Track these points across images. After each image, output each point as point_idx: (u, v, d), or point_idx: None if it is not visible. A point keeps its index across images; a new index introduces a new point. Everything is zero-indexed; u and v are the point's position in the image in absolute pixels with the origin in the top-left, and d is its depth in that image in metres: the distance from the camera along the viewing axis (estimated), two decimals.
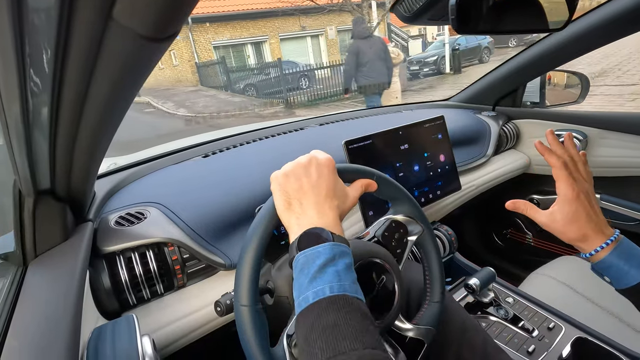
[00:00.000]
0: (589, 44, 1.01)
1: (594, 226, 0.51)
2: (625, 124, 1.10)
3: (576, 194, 0.52)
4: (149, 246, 0.64)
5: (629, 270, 0.48)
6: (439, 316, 0.58)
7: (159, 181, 0.86)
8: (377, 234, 0.57)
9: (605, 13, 0.91)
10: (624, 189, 1.17)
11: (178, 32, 0.27)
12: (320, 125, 1.25)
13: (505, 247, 1.52)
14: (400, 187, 0.58)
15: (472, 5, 0.57)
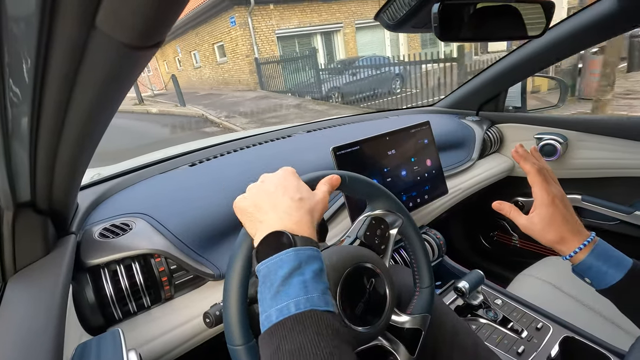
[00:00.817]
0: (566, 50, 1.05)
1: (570, 228, 0.53)
2: (603, 126, 1.14)
3: (551, 198, 0.54)
4: (134, 258, 0.62)
5: (607, 270, 0.50)
6: (432, 301, 0.59)
7: (145, 191, 0.85)
8: (359, 235, 0.57)
9: (579, 21, 0.95)
10: (603, 189, 1.21)
11: (163, 40, 0.27)
12: (308, 132, 1.25)
13: (492, 249, 1.55)
14: (371, 181, 0.57)
15: (454, 13, 0.59)
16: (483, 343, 0.63)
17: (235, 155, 1.04)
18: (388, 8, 0.66)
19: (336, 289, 0.47)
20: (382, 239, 0.58)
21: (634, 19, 0.86)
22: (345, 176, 0.53)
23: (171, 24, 0.26)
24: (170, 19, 0.25)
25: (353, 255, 0.50)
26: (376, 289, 0.50)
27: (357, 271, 0.49)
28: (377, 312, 0.50)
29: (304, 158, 0.97)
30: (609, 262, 0.50)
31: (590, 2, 0.92)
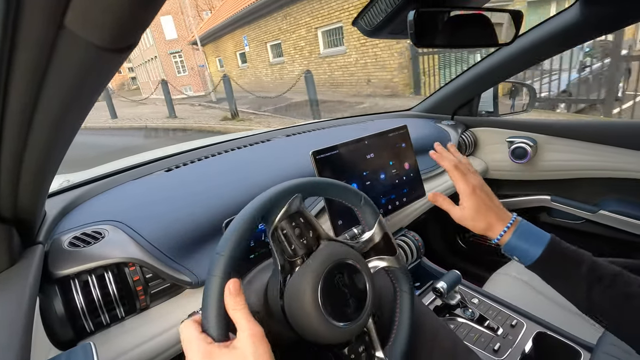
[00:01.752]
0: (534, 57, 1.10)
1: (494, 214, 0.58)
2: (570, 130, 1.19)
3: (472, 188, 0.59)
4: (107, 267, 0.60)
5: (529, 248, 0.55)
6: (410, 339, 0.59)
7: (118, 198, 0.82)
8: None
9: (546, 30, 1.00)
10: (570, 190, 1.27)
11: (137, 42, 0.26)
12: (287, 136, 1.25)
13: (468, 249, 1.59)
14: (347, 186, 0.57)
15: (429, 21, 0.60)
16: (461, 342, 0.65)
17: (212, 160, 1.02)
18: (366, 14, 0.67)
19: (317, 285, 0.47)
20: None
21: (596, 28, 0.92)
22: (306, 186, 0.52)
23: (146, 26, 0.25)
24: (144, 20, 0.24)
25: (335, 252, 0.50)
26: (356, 285, 0.51)
27: (338, 267, 0.49)
28: (357, 308, 0.50)
29: (283, 162, 0.97)
30: (530, 241, 0.55)
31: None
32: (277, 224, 0.47)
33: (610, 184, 1.17)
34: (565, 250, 0.54)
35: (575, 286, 0.52)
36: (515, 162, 1.29)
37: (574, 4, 0.90)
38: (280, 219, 0.47)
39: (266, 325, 0.51)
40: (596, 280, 0.50)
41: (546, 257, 0.54)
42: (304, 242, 0.49)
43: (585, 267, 0.51)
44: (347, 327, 0.48)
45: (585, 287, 0.51)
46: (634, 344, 0.48)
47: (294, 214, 0.48)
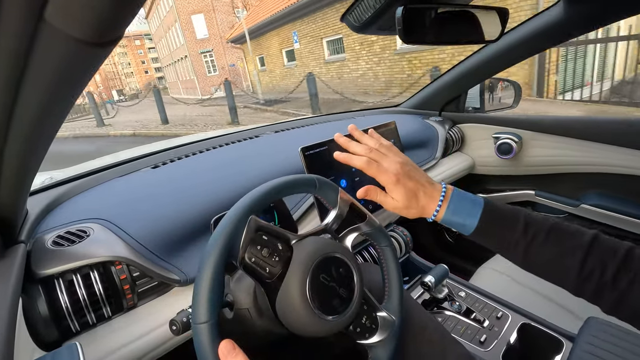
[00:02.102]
0: (520, 54, 1.12)
1: (424, 195, 0.55)
2: (554, 126, 1.22)
3: (395, 178, 0.55)
4: (93, 266, 0.59)
5: (464, 222, 0.54)
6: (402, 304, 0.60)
7: (103, 195, 0.80)
8: (328, 229, 0.57)
9: (531, 28, 1.01)
10: (554, 185, 1.30)
11: (121, 36, 0.26)
12: (276, 132, 1.24)
13: (455, 243, 1.61)
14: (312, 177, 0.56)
15: (417, 17, 0.60)
16: (449, 335, 0.66)
17: (200, 157, 1.01)
18: (354, 10, 0.67)
19: (305, 279, 0.47)
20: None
21: (579, 26, 0.94)
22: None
23: (130, 20, 0.24)
24: (128, 14, 0.24)
25: (322, 246, 0.50)
26: (345, 280, 0.51)
27: (328, 261, 0.50)
28: (345, 301, 0.50)
29: (272, 159, 0.97)
30: (464, 213, 0.54)
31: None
32: (243, 255, 0.46)
33: (592, 179, 1.20)
34: (500, 212, 0.53)
35: (514, 248, 0.51)
36: (501, 158, 1.32)
37: (558, 2, 0.91)
38: (244, 251, 0.46)
39: (256, 322, 0.51)
40: (531, 238, 0.50)
41: (482, 225, 0.53)
42: (276, 258, 0.48)
43: (520, 226, 0.51)
44: (337, 319, 0.49)
45: (522, 248, 0.50)
46: (574, 293, 0.49)
47: (255, 237, 0.47)
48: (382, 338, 0.54)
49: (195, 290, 0.42)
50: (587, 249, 0.47)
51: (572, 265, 0.48)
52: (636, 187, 1.11)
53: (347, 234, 0.57)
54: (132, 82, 69.57)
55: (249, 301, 0.51)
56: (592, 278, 0.46)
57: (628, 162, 1.08)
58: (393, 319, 0.57)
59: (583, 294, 0.48)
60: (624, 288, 0.44)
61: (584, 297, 0.48)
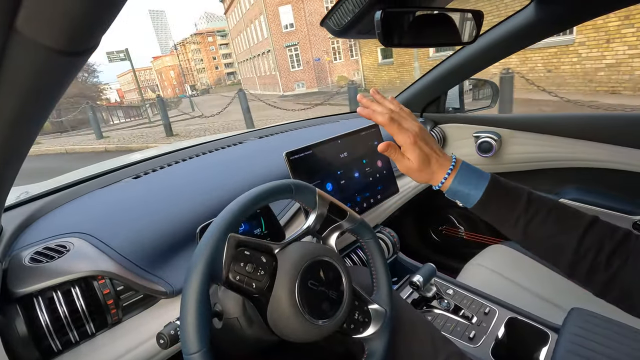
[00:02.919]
0: (496, 55, 1.15)
1: (436, 162, 0.58)
2: (531, 124, 1.26)
3: (413, 139, 0.57)
4: (74, 282, 0.57)
5: (469, 192, 0.56)
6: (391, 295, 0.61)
7: (83, 208, 0.78)
8: (311, 230, 0.56)
9: (505, 29, 1.05)
10: (533, 181, 1.33)
11: (97, 45, 0.25)
12: (260, 138, 1.24)
13: (441, 242, 1.64)
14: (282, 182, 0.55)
15: (395, 20, 0.62)
16: (439, 333, 0.66)
17: (183, 165, 0.99)
18: (333, 14, 0.68)
19: (294, 289, 0.47)
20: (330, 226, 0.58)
21: (550, 27, 0.97)
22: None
23: (106, 28, 0.24)
24: (104, 23, 0.23)
25: (306, 252, 0.50)
26: (333, 282, 0.51)
27: (315, 265, 0.49)
28: (336, 302, 0.50)
29: (257, 164, 0.96)
30: (471, 184, 0.56)
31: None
32: (227, 275, 0.45)
33: (570, 174, 1.24)
34: (504, 188, 0.55)
35: (515, 223, 0.53)
36: (482, 156, 1.34)
37: (530, 4, 0.95)
38: (227, 271, 0.45)
39: (246, 330, 0.50)
40: (532, 215, 0.51)
41: (486, 198, 0.55)
42: (262, 272, 0.47)
43: (523, 202, 0.53)
44: (329, 322, 0.49)
45: (522, 224, 0.52)
46: (567, 273, 0.50)
47: (237, 254, 0.46)
48: (375, 330, 0.55)
49: (181, 319, 0.41)
50: (587, 228, 0.49)
51: (570, 243, 0.49)
52: (611, 180, 1.16)
53: (330, 233, 0.57)
54: (203, 78, 71.80)
55: (238, 310, 0.51)
56: (586, 257, 0.47)
57: (603, 156, 1.13)
58: (384, 310, 0.57)
59: (576, 274, 0.49)
60: (616, 269, 0.46)
61: (577, 277, 0.49)
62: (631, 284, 0.45)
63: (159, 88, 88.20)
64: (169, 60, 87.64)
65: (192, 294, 0.41)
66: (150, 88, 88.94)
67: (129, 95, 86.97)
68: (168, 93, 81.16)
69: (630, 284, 0.45)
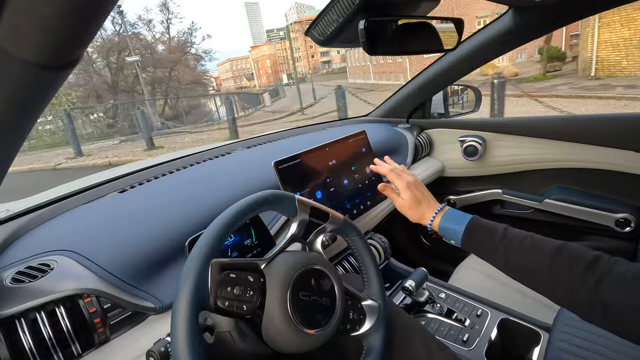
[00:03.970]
0: (477, 61, 1.18)
1: (426, 204, 0.72)
2: (515, 127, 1.29)
3: (406, 184, 0.73)
4: (58, 302, 0.55)
5: (455, 227, 0.66)
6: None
7: (67, 224, 0.76)
8: (295, 237, 0.55)
9: (484, 36, 1.08)
10: (519, 182, 1.36)
11: (79, 58, 0.25)
12: (248, 147, 1.23)
13: (432, 246, 1.65)
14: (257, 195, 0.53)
15: (379, 29, 0.63)
16: (433, 337, 0.66)
17: (170, 177, 0.98)
18: (318, 24, 0.68)
19: (286, 304, 0.46)
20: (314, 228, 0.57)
21: (527, 33, 1.00)
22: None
23: (88, 42, 0.24)
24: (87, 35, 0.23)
25: (293, 263, 0.50)
26: (324, 288, 0.51)
27: (303, 275, 0.49)
28: (327, 313, 0.50)
29: (246, 174, 0.95)
30: (455, 221, 0.67)
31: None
32: (215, 302, 0.44)
33: (553, 175, 1.27)
34: (484, 223, 0.64)
35: (495, 252, 0.60)
36: (467, 160, 1.37)
37: (507, 11, 0.98)
38: (215, 298, 0.44)
39: (239, 344, 0.49)
40: (509, 243, 0.58)
41: (469, 231, 0.64)
42: (251, 292, 0.46)
43: (499, 233, 0.60)
44: (324, 330, 0.48)
45: (502, 251, 0.59)
46: (550, 297, 0.55)
47: (222, 278, 0.45)
48: (371, 325, 0.56)
49: (172, 335, 0.40)
50: (558, 248, 0.53)
51: (543, 262, 0.53)
52: (593, 180, 1.19)
53: (315, 237, 0.57)
54: (299, 67, 71.84)
55: (230, 323, 0.50)
56: (560, 276, 0.51)
57: (585, 156, 1.16)
58: (377, 304, 0.58)
59: (559, 295, 0.53)
60: (592, 287, 0.48)
61: (561, 300, 0.52)
62: (614, 306, 0.46)
63: (254, 76, 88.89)
64: (266, 50, 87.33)
65: (181, 320, 0.40)
66: (245, 76, 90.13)
67: (225, 83, 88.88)
68: (263, 81, 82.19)
69: (613, 307, 0.46)
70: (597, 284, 0.47)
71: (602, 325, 0.48)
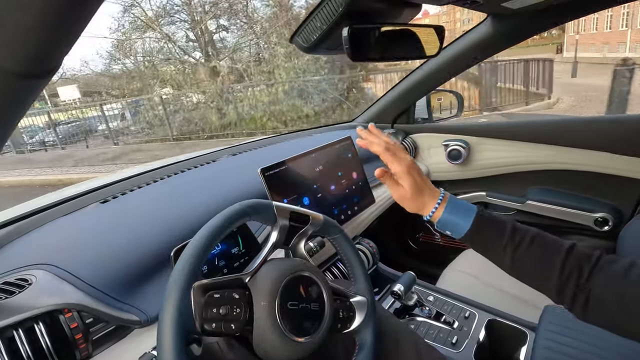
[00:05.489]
0: (458, 67, 1.21)
1: (427, 192, 0.60)
2: (497, 130, 1.32)
3: (406, 168, 0.60)
4: (37, 318, 0.53)
5: (459, 222, 0.58)
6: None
7: (46, 237, 0.73)
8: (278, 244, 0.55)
9: (465, 43, 1.11)
10: (502, 185, 1.39)
11: (59, 65, 0.24)
12: (233, 155, 1.22)
13: (419, 249, 1.66)
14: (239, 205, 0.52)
15: (362, 36, 0.64)
16: (423, 341, 0.67)
17: (154, 187, 0.96)
18: (302, 31, 0.69)
19: (275, 316, 0.45)
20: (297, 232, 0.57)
21: (505, 40, 1.04)
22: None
23: (68, 49, 0.23)
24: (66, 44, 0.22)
25: (277, 274, 0.49)
26: (313, 297, 0.50)
27: (289, 284, 0.49)
28: (316, 321, 0.49)
29: (232, 182, 0.95)
30: (460, 215, 0.58)
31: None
32: (202, 325, 0.43)
33: (534, 176, 1.31)
34: (490, 219, 0.58)
35: (502, 252, 0.55)
36: (452, 164, 1.39)
37: (486, 18, 1.01)
38: (201, 321, 0.42)
39: (227, 355, 0.48)
40: (518, 243, 0.54)
41: (475, 228, 0.57)
42: (237, 310, 0.45)
43: (508, 231, 0.55)
44: (315, 335, 0.48)
45: (510, 252, 0.54)
46: (559, 300, 0.53)
47: (206, 300, 0.43)
48: (362, 320, 0.56)
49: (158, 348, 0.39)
50: (568, 252, 0.51)
51: (554, 267, 0.51)
52: (572, 181, 1.23)
53: (297, 241, 0.56)
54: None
55: None
56: (570, 280, 0.49)
57: (564, 158, 1.20)
58: (365, 299, 0.58)
59: (563, 298, 0.51)
60: (591, 288, 0.48)
61: (564, 302, 0.51)
62: (602, 294, 0.47)
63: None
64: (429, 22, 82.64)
65: (167, 341, 0.39)
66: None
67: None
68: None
69: (602, 297, 0.47)
70: (596, 284, 0.48)
71: (600, 324, 0.49)
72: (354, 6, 0.60)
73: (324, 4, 0.63)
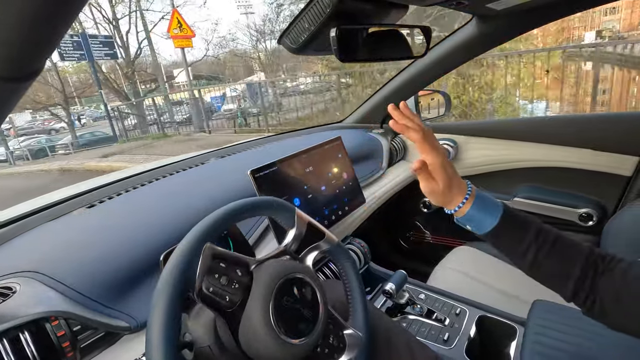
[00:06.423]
0: (445, 67, 1.22)
1: (457, 187, 0.56)
2: (484, 130, 1.34)
3: (441, 162, 0.55)
4: (22, 327, 0.51)
5: (485, 218, 0.55)
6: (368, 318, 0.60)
7: (31, 244, 0.72)
8: (288, 249, 0.56)
9: (451, 43, 1.12)
10: (491, 183, 1.41)
11: (40, 69, 0.24)
12: (222, 157, 1.21)
13: (410, 248, 1.67)
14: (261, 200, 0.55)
15: (350, 37, 0.64)
16: (415, 338, 0.67)
17: (141, 191, 0.95)
18: (290, 32, 0.69)
19: (268, 304, 0.45)
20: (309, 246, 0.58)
21: (490, 40, 1.05)
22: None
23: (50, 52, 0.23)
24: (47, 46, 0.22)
25: (282, 268, 0.49)
26: (308, 300, 0.50)
27: (288, 283, 0.49)
28: (310, 322, 0.49)
29: (221, 185, 0.94)
30: (487, 211, 0.55)
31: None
32: (200, 285, 0.43)
33: (521, 174, 1.33)
34: (516, 218, 0.55)
35: (525, 252, 0.53)
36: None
37: (471, 19, 1.02)
38: (201, 280, 0.43)
39: (218, 358, 0.48)
40: (541, 244, 0.52)
41: (500, 226, 0.54)
42: (236, 286, 0.46)
43: (533, 230, 0.53)
44: (304, 341, 0.47)
45: (533, 253, 0.52)
46: (576, 302, 0.52)
47: (212, 265, 0.45)
48: (350, 357, 0.54)
49: (147, 353, 0.38)
50: (587, 257, 0.51)
51: (574, 272, 0.50)
52: (557, 178, 1.25)
53: (307, 253, 0.56)
54: (610, 22, 42.26)
55: (209, 337, 0.48)
56: (585, 284, 0.50)
57: (549, 156, 1.22)
58: (360, 335, 0.57)
59: (576, 300, 0.51)
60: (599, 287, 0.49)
61: (576, 302, 0.52)
62: (603, 295, 0.48)
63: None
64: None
65: (162, 308, 0.39)
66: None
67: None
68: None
69: (603, 297, 0.48)
70: (599, 283, 0.49)
71: (597, 318, 0.50)
72: (341, 7, 0.61)
73: (312, 5, 0.63)
